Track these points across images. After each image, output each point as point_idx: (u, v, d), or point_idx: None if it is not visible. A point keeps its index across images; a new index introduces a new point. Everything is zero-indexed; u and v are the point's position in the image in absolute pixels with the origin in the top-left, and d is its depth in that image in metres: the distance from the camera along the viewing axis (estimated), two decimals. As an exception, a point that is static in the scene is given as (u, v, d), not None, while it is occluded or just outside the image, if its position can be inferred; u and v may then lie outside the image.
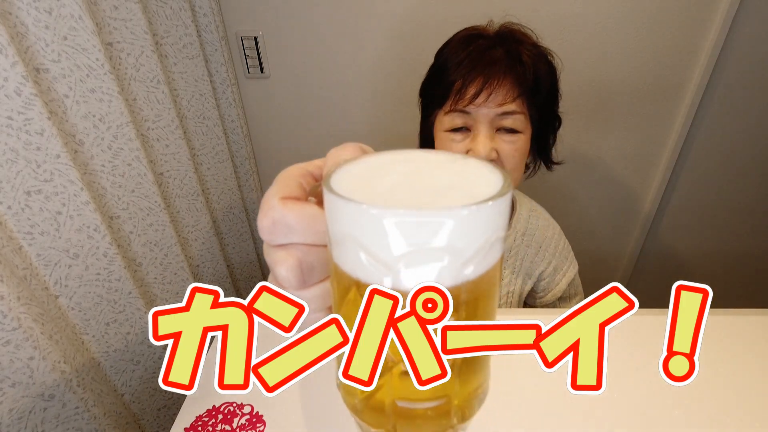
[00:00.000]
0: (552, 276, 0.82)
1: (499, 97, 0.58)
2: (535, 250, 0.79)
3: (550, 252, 0.81)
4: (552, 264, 0.81)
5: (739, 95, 1.07)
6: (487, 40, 0.60)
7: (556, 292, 0.82)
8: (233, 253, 1.21)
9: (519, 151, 0.61)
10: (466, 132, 0.62)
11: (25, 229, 0.61)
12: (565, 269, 0.82)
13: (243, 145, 1.17)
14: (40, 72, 0.61)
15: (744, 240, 1.33)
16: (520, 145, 0.61)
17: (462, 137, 0.62)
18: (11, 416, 0.58)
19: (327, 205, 0.20)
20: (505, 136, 0.61)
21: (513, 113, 0.59)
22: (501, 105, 0.58)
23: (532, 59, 0.59)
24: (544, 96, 0.61)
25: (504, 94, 0.58)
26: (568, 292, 0.85)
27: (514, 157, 0.61)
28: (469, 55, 0.59)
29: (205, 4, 0.96)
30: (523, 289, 0.82)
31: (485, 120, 0.59)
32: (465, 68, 0.59)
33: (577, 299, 0.87)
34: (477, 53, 0.59)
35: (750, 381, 0.65)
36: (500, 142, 0.61)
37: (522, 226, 0.78)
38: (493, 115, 0.59)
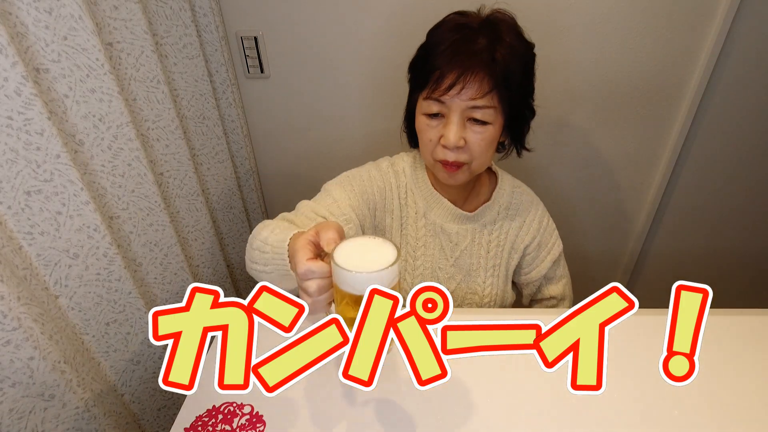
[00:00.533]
0: (537, 251, 0.85)
1: (471, 92, 0.63)
2: (519, 224, 0.83)
3: (534, 227, 0.84)
4: (536, 239, 0.84)
5: (739, 95, 1.07)
6: (472, 31, 0.64)
7: (541, 269, 0.85)
8: (233, 253, 1.21)
9: (486, 141, 0.67)
10: (440, 118, 0.67)
11: (25, 229, 0.61)
12: (550, 246, 0.85)
13: (243, 145, 1.17)
14: (40, 72, 0.61)
15: (744, 240, 1.33)
16: (487, 136, 0.67)
17: (437, 123, 0.67)
18: (11, 416, 0.58)
19: (333, 268, 0.46)
20: (475, 127, 0.66)
21: (483, 107, 0.64)
22: (473, 99, 0.63)
23: (506, 58, 0.63)
24: (515, 92, 0.65)
25: (476, 89, 0.63)
26: (554, 272, 0.88)
27: (480, 146, 0.67)
28: (451, 45, 0.63)
29: (205, 4, 0.96)
30: (509, 263, 0.85)
31: (458, 109, 0.65)
32: (445, 58, 0.63)
33: (563, 282, 0.89)
34: (459, 44, 0.63)
35: (750, 381, 0.65)
36: (469, 132, 0.66)
37: (505, 201, 0.83)
38: (465, 107, 0.64)
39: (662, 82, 1.06)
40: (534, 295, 0.91)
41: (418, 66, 0.69)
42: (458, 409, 0.62)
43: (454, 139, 0.65)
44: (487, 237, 0.82)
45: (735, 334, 0.72)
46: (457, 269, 0.83)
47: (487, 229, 0.82)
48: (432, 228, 0.81)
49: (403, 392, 0.64)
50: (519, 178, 0.89)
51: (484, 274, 0.84)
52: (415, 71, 0.71)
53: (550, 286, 0.89)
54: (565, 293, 0.90)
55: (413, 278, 0.83)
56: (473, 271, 0.84)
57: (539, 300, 0.92)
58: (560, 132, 1.15)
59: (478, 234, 0.82)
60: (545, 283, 0.89)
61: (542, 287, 0.89)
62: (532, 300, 0.93)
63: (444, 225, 0.80)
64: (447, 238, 0.81)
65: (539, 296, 0.91)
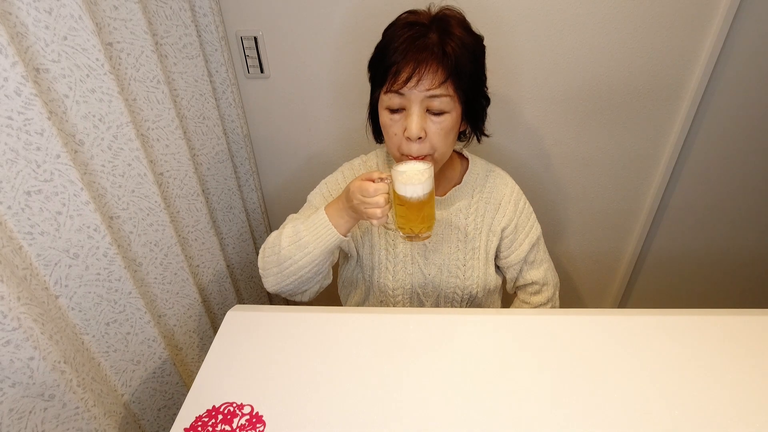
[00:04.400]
0: (514, 234, 0.87)
1: (427, 83, 0.67)
2: (494, 206, 0.86)
3: (511, 209, 0.86)
4: (513, 221, 0.86)
5: (739, 95, 1.07)
6: (423, 27, 0.68)
7: (520, 253, 0.88)
8: (233, 253, 1.21)
9: (445, 130, 0.71)
10: (402, 112, 0.72)
11: (25, 229, 0.61)
12: (528, 230, 0.88)
13: (243, 145, 1.17)
14: (40, 72, 0.61)
15: (744, 240, 1.33)
16: (446, 125, 0.71)
17: (399, 117, 0.72)
18: (11, 416, 0.58)
19: (393, 174, 0.68)
20: (434, 117, 0.71)
21: (440, 96, 0.68)
22: (429, 89, 0.68)
23: (456, 50, 0.67)
24: (468, 80, 0.70)
25: (431, 79, 0.67)
26: (534, 256, 0.90)
27: (440, 135, 0.71)
28: (405, 41, 0.68)
29: (205, 4, 0.96)
30: (488, 246, 0.87)
31: (416, 101, 0.69)
32: (400, 53, 0.68)
33: (545, 266, 0.91)
34: (412, 40, 0.67)
35: (750, 381, 0.65)
36: (429, 123, 0.71)
37: (479, 184, 0.86)
38: (423, 97, 0.69)
39: (662, 82, 1.06)
40: (516, 280, 0.92)
41: (377, 63, 0.73)
42: (460, 410, 0.62)
43: (416, 129, 0.69)
44: (463, 220, 0.85)
45: (735, 334, 0.72)
46: (436, 254, 0.86)
47: (462, 213, 0.85)
48: None
49: (404, 392, 0.64)
50: (519, 177, 0.89)
51: (463, 257, 0.86)
52: (374, 69, 0.75)
53: (531, 270, 0.90)
54: (547, 278, 0.91)
55: (394, 266, 0.86)
56: (452, 255, 0.86)
57: (522, 286, 0.93)
58: (560, 132, 1.15)
59: (454, 218, 0.84)
60: (526, 268, 0.90)
61: (523, 271, 0.90)
62: (516, 286, 0.94)
63: None
64: None
65: (521, 281, 0.92)
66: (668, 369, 0.66)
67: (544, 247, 0.92)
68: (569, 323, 0.75)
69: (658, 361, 0.68)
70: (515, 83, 1.08)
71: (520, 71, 1.06)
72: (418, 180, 0.66)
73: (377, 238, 0.85)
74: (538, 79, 1.07)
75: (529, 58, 1.04)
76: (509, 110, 1.12)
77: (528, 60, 1.04)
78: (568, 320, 0.76)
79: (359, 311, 0.80)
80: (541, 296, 0.92)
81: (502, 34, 1.00)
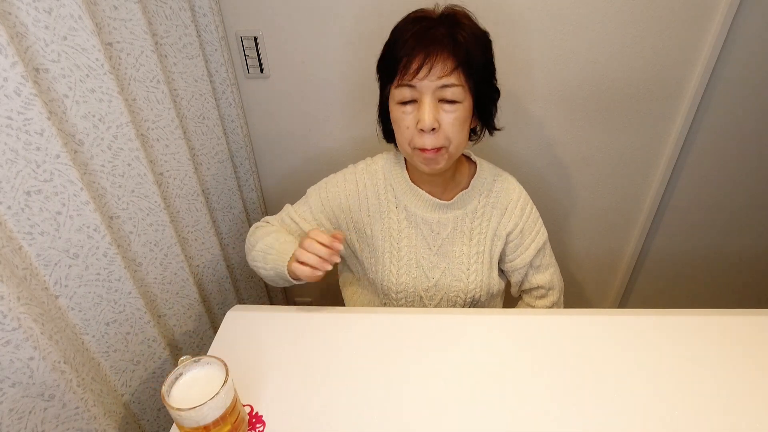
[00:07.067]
0: (520, 238, 0.86)
1: (438, 71, 0.67)
2: (501, 211, 0.85)
3: (517, 214, 0.85)
4: (519, 226, 0.85)
5: (739, 94, 1.07)
6: (431, 21, 0.69)
7: (526, 257, 0.87)
8: (233, 253, 1.21)
9: (458, 120, 0.70)
10: (414, 104, 0.70)
11: (25, 229, 0.61)
12: (534, 234, 0.87)
13: (243, 145, 1.17)
14: (40, 72, 0.61)
15: (744, 240, 1.33)
16: (460, 114, 0.70)
17: (411, 109, 0.71)
18: (11, 416, 0.58)
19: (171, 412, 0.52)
20: (446, 107, 0.70)
21: (452, 85, 0.68)
22: (440, 78, 0.67)
23: (466, 39, 0.67)
24: (478, 69, 0.69)
25: (441, 67, 0.67)
26: (540, 260, 0.89)
27: (454, 125, 0.70)
28: (413, 35, 0.68)
29: (205, 4, 0.96)
30: (493, 250, 0.87)
31: (428, 91, 0.68)
32: (409, 46, 0.67)
33: (551, 271, 0.91)
34: (420, 32, 0.68)
35: (750, 381, 0.65)
36: (442, 113, 0.70)
37: (486, 188, 0.85)
38: (435, 87, 0.68)
39: (662, 81, 1.06)
40: (521, 283, 0.92)
41: (386, 59, 0.73)
42: (459, 411, 0.62)
43: (429, 119, 0.68)
44: (469, 225, 0.84)
45: (735, 334, 0.72)
46: (440, 258, 0.85)
47: (468, 217, 0.84)
48: (413, 219, 0.83)
49: (404, 392, 0.64)
50: (519, 177, 0.89)
51: (467, 261, 0.85)
52: (383, 65, 0.74)
53: (537, 275, 0.90)
54: (553, 282, 0.91)
55: (398, 268, 0.85)
56: (456, 259, 0.85)
57: (527, 290, 0.93)
58: (560, 132, 1.15)
59: (460, 222, 0.84)
60: (532, 272, 0.90)
61: (529, 276, 0.90)
62: (521, 290, 0.94)
63: (423, 215, 0.83)
64: (428, 227, 0.83)
65: (527, 285, 0.92)
66: (668, 369, 0.66)
67: (551, 251, 0.91)
68: (569, 323, 0.75)
69: (658, 361, 0.68)
70: (515, 83, 1.08)
71: (520, 71, 1.06)
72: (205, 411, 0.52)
73: (380, 242, 0.85)
74: (538, 78, 1.07)
75: (529, 58, 1.04)
76: (509, 110, 1.12)
77: (528, 60, 1.04)
78: (569, 320, 0.76)
79: (360, 311, 0.81)
80: (546, 300, 0.91)
81: (502, 34, 1.00)
